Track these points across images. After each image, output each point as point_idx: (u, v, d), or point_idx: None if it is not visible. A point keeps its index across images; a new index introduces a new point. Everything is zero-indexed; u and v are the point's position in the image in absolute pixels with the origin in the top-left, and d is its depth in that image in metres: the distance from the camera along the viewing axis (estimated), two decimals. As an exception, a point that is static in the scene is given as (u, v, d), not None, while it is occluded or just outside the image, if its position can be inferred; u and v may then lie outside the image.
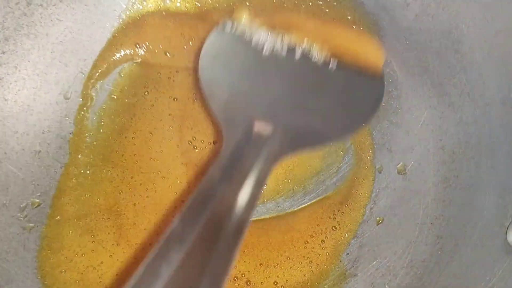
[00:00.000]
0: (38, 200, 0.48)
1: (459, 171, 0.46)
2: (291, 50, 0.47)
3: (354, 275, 0.49)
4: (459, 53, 0.46)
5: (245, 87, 0.46)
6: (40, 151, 0.48)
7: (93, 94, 0.50)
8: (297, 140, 0.43)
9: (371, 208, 0.51)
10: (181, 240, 0.32)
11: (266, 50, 0.46)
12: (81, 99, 0.50)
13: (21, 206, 0.47)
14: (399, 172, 0.50)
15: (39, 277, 0.46)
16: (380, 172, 0.51)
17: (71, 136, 0.50)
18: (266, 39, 0.47)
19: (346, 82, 0.46)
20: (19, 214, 0.47)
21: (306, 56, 0.47)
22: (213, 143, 0.52)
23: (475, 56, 0.45)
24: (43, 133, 0.49)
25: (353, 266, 0.50)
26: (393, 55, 0.50)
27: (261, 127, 0.42)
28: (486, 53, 0.44)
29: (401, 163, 0.50)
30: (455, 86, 0.47)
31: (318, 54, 0.46)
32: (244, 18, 0.48)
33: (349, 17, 0.51)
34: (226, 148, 0.40)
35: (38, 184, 0.48)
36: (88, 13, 0.50)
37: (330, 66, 0.46)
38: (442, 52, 0.47)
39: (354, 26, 0.51)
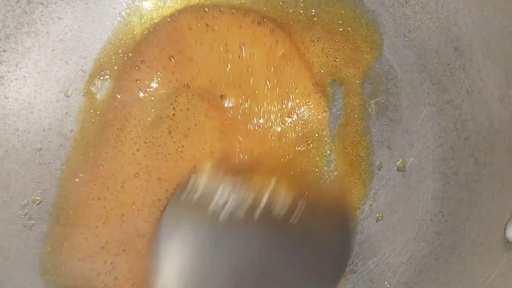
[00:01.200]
0: (39, 198, 0.48)
1: (458, 167, 0.47)
2: (251, 209, 0.45)
3: (354, 272, 0.49)
4: (458, 50, 0.47)
5: (202, 266, 0.44)
6: (41, 149, 0.49)
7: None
8: None
9: (370, 205, 0.51)
10: None
11: (224, 215, 0.45)
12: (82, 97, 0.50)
13: (22, 203, 0.48)
14: (398, 169, 0.51)
15: (40, 275, 0.47)
16: (379, 169, 0.51)
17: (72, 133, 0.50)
18: (226, 199, 0.46)
19: (310, 239, 0.46)
20: (20, 211, 0.47)
21: (266, 212, 0.46)
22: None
23: (473, 54, 0.45)
24: (44, 130, 0.49)
25: (353, 263, 0.50)
26: (392, 52, 0.51)
27: None
28: (484, 51, 0.45)
29: (400, 160, 0.51)
30: (454, 83, 0.47)
31: (281, 203, 0.46)
32: (207, 171, 0.48)
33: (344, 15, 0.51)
34: None
35: (39, 182, 0.48)
36: (88, 11, 0.50)
37: (292, 220, 0.45)
38: (441, 50, 0.48)
39: (350, 28, 0.51)
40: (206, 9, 0.51)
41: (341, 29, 0.52)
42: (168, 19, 0.52)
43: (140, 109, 0.50)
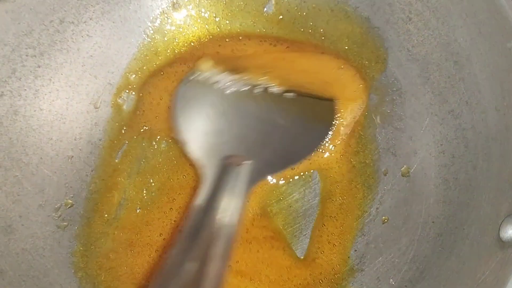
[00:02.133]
0: (71, 201, 0.50)
1: (458, 173, 0.48)
2: (252, 87, 0.51)
3: (361, 270, 0.51)
4: (457, 64, 0.48)
5: (215, 127, 0.51)
6: (72, 156, 0.51)
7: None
8: (267, 165, 0.48)
9: (377, 208, 0.52)
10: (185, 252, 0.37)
11: (229, 90, 0.51)
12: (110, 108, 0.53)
13: (56, 206, 0.49)
14: (403, 175, 0.52)
15: (73, 271, 0.49)
16: (385, 175, 0.52)
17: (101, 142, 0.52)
18: (228, 81, 0.51)
19: (302, 109, 0.52)
20: (54, 214, 0.49)
21: (265, 89, 0.51)
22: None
23: (472, 67, 0.47)
24: (75, 139, 0.51)
25: (360, 262, 0.51)
26: (397, 66, 0.52)
27: (234, 160, 0.47)
28: (481, 65, 0.46)
29: (405, 166, 0.52)
30: (454, 95, 0.48)
31: (276, 86, 0.51)
32: (207, 67, 0.52)
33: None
34: (205, 180, 0.45)
35: (71, 187, 0.50)
36: (115, 29, 0.52)
37: (288, 95, 0.51)
38: (442, 63, 0.49)
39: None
40: (227, 39, 0.55)
41: (348, 45, 0.54)
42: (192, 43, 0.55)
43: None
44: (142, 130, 0.53)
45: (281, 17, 0.55)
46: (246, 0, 0.54)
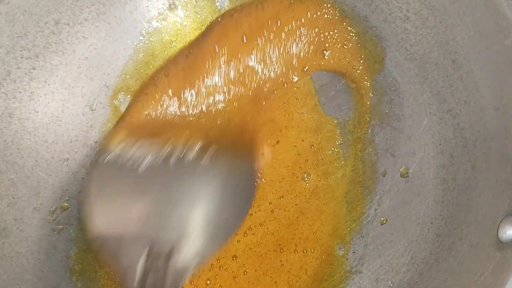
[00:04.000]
0: (66, 204, 0.50)
1: (456, 173, 0.48)
2: (167, 157, 0.48)
3: (360, 272, 0.51)
4: (455, 63, 0.48)
5: (133, 218, 0.45)
6: (68, 159, 0.50)
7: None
8: (197, 250, 0.44)
9: (375, 210, 0.52)
10: None
11: (143, 166, 0.47)
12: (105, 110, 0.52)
13: (51, 209, 0.49)
14: (401, 175, 0.52)
15: (68, 275, 0.48)
16: (384, 176, 0.52)
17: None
18: (141, 154, 0.48)
19: (220, 175, 0.48)
20: (49, 217, 0.49)
21: (182, 157, 0.48)
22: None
23: (470, 66, 0.46)
24: (71, 142, 0.51)
25: (359, 264, 0.51)
26: (395, 65, 0.52)
27: (159, 253, 0.43)
28: (480, 63, 0.46)
29: (403, 166, 0.52)
30: (453, 94, 0.48)
31: (193, 147, 0.49)
32: (118, 140, 0.49)
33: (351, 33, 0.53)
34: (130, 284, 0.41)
35: (66, 189, 0.50)
36: (111, 31, 0.51)
37: (206, 159, 0.48)
38: (440, 62, 0.49)
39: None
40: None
41: (346, 44, 0.53)
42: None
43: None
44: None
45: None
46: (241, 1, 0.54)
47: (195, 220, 0.46)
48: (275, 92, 0.53)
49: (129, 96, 0.53)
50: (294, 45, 0.52)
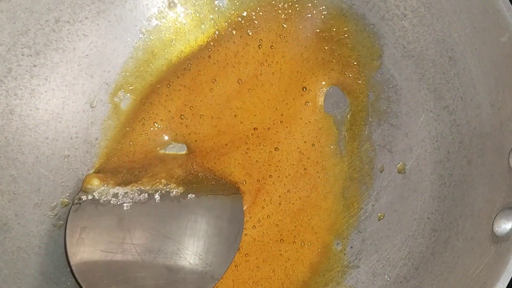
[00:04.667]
0: (67, 200, 0.50)
1: (453, 169, 0.48)
2: (151, 195, 0.49)
3: (357, 267, 0.51)
4: (452, 60, 0.48)
5: (117, 262, 0.45)
6: (68, 155, 0.51)
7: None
8: None
9: (373, 205, 0.52)
10: None
11: (126, 204, 0.48)
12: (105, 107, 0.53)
13: (52, 205, 0.50)
14: (399, 171, 0.52)
15: (69, 270, 0.48)
16: (381, 172, 0.53)
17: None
18: (123, 194, 0.49)
19: (206, 210, 0.49)
20: (50, 212, 0.49)
21: (166, 193, 0.49)
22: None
23: (466, 63, 0.46)
24: (71, 139, 0.51)
25: (356, 259, 0.51)
26: (392, 63, 0.52)
27: None
28: (476, 60, 0.46)
29: (400, 162, 0.52)
30: (450, 91, 0.48)
31: (175, 188, 0.50)
32: (95, 184, 0.49)
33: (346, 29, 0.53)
34: None
35: (67, 186, 0.51)
36: (111, 28, 0.52)
37: (191, 196, 0.49)
38: (437, 59, 0.49)
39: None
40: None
41: (344, 42, 0.54)
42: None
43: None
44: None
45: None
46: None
47: (182, 263, 0.46)
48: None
49: (129, 93, 0.53)
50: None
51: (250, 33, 0.54)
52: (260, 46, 0.54)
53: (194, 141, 0.54)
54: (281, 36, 0.54)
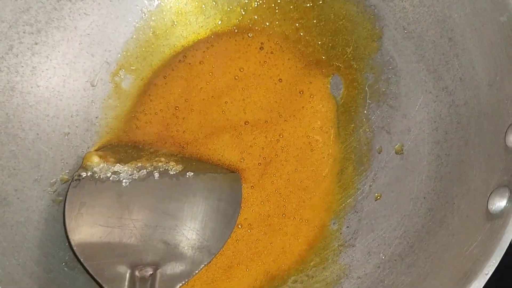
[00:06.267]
0: (66, 177, 0.51)
1: (450, 149, 0.48)
2: (150, 172, 0.49)
3: (353, 246, 0.51)
4: (452, 41, 0.48)
5: (116, 234, 0.46)
6: (69, 133, 0.51)
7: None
8: (179, 270, 0.45)
9: (370, 186, 0.52)
10: None
11: (125, 181, 0.48)
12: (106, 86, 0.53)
13: (51, 181, 0.50)
14: (396, 152, 0.52)
15: (67, 244, 0.49)
16: (379, 153, 0.53)
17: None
18: (123, 171, 0.49)
19: (207, 187, 0.49)
20: (49, 188, 0.50)
21: (165, 171, 0.49)
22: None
23: (466, 43, 0.46)
24: (71, 116, 0.52)
25: (352, 238, 0.51)
26: (392, 44, 0.52)
27: (141, 272, 0.44)
28: (475, 41, 0.46)
29: (398, 143, 0.52)
30: (449, 72, 0.48)
31: (174, 166, 0.50)
32: (94, 162, 0.50)
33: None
34: None
35: (66, 162, 0.51)
36: (113, 8, 0.52)
37: (189, 174, 0.49)
38: (437, 40, 0.49)
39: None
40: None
41: (344, 24, 0.54)
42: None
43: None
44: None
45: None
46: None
47: (179, 238, 0.47)
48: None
49: (130, 72, 0.54)
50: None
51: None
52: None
53: (183, 132, 0.55)
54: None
